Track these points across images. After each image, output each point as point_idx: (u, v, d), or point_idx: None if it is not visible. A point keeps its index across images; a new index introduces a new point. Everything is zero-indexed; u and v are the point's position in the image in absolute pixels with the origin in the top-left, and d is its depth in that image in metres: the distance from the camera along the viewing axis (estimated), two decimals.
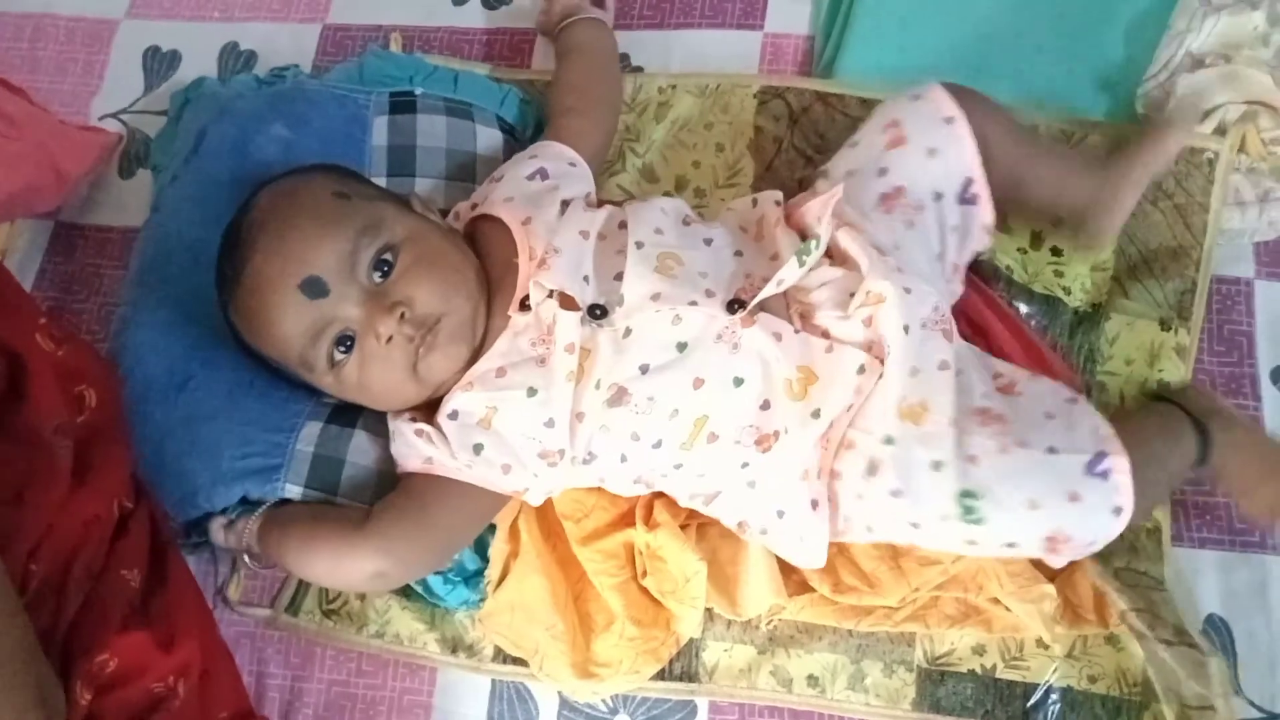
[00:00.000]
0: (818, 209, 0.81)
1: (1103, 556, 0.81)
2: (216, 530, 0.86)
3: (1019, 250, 0.94)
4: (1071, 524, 0.74)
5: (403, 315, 0.77)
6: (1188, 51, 0.96)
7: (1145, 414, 0.87)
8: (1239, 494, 0.85)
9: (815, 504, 0.79)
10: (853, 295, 0.79)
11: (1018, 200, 0.87)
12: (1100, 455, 0.74)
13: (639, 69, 1.08)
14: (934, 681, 0.85)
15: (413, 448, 0.82)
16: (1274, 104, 0.93)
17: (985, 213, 0.84)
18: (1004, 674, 0.85)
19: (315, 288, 0.77)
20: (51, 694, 0.65)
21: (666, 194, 1.02)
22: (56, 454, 0.73)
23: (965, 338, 0.86)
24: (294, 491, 0.85)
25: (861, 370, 0.77)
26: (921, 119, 0.83)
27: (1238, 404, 0.90)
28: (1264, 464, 0.84)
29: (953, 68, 1.01)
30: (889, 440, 0.76)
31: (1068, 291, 0.93)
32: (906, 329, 0.77)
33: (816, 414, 0.78)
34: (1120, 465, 0.74)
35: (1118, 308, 0.92)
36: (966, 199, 0.83)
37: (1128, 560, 0.84)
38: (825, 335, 0.79)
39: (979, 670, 0.85)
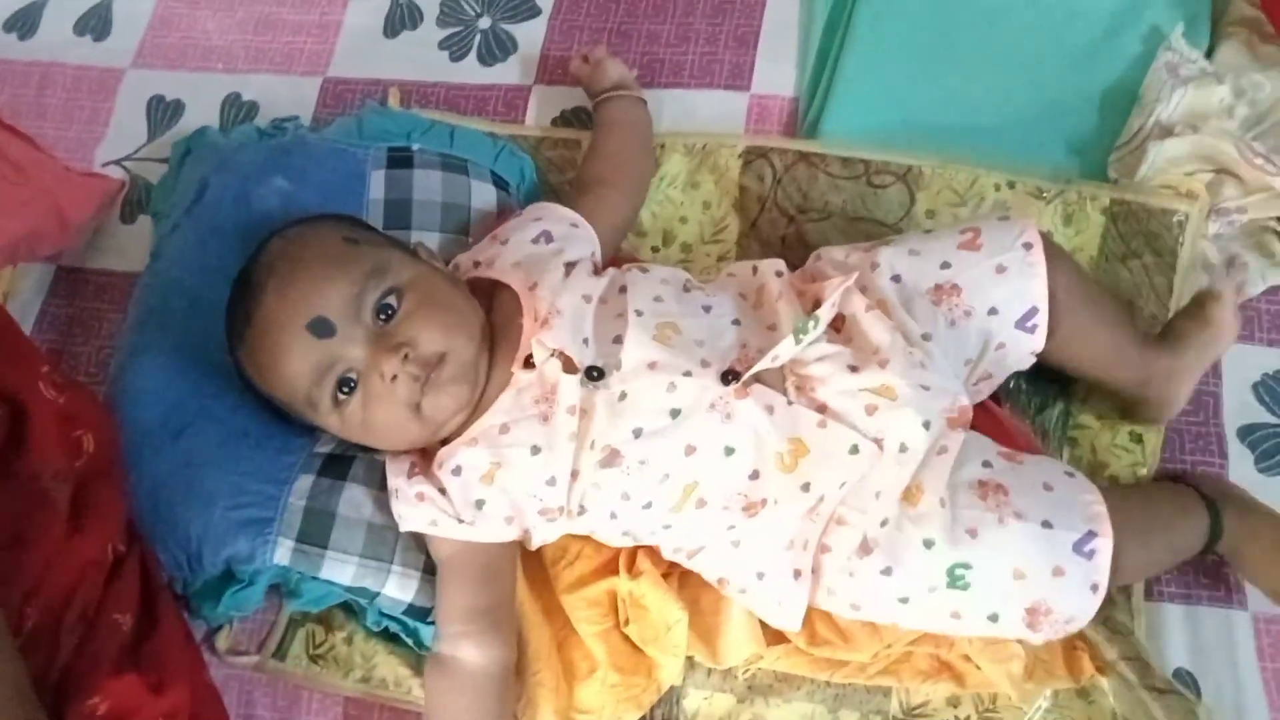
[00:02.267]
0: (831, 288, 0.81)
1: None
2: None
3: None
4: (1052, 598, 0.77)
5: (406, 355, 0.79)
6: (1157, 121, 0.99)
7: (1157, 491, 0.89)
8: (1255, 575, 0.86)
9: (798, 573, 0.80)
10: (854, 369, 0.79)
11: (1069, 359, 0.86)
12: (1090, 534, 0.77)
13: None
14: None
15: (415, 510, 0.84)
16: (1238, 173, 0.96)
17: (1038, 342, 0.83)
18: None
19: (322, 328, 0.79)
20: None
21: (654, 249, 1.05)
22: (54, 499, 0.75)
23: None
24: (285, 545, 0.86)
25: (855, 451, 0.78)
26: (1001, 235, 0.83)
27: (1203, 461, 0.92)
28: (1277, 547, 0.84)
29: (934, 130, 1.05)
30: (884, 522, 0.78)
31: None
32: (928, 425, 0.78)
33: (806, 487, 0.79)
34: (1104, 546, 0.76)
35: None
36: (1026, 327, 0.82)
37: (1110, 610, 0.85)
38: (821, 409, 0.80)
39: None
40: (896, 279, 0.83)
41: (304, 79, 1.20)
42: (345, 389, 0.80)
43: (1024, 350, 0.84)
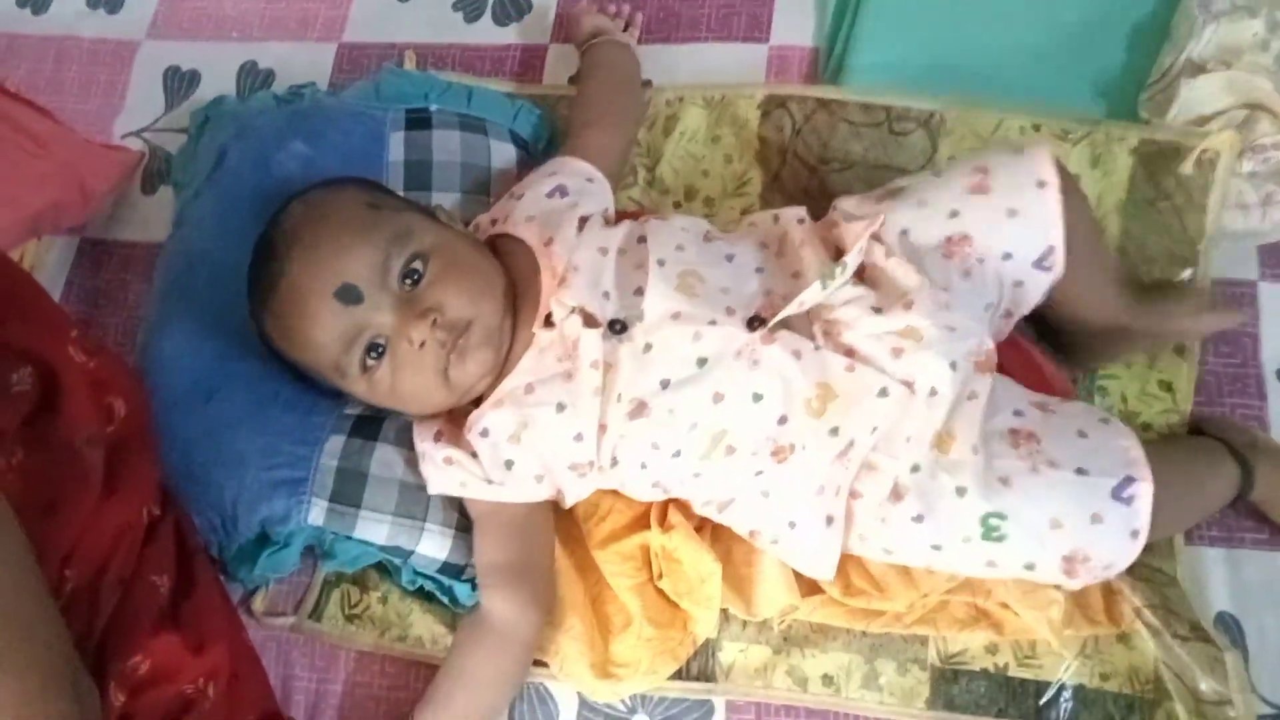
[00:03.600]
0: (857, 233, 0.80)
1: None
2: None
3: None
4: (1091, 545, 0.76)
5: (434, 321, 0.79)
6: (1188, 58, 0.97)
7: (1186, 444, 0.88)
8: None
9: (830, 520, 0.80)
10: (878, 310, 0.78)
11: (1058, 299, 0.84)
12: (1128, 480, 0.75)
13: (647, 83, 1.09)
14: (947, 680, 0.86)
15: (444, 473, 0.84)
16: (1274, 109, 0.94)
17: (1056, 275, 0.80)
18: (1017, 672, 0.86)
19: (349, 295, 0.78)
20: (86, 695, 0.67)
21: (676, 204, 1.04)
22: (88, 464, 0.75)
23: None
24: (319, 505, 0.86)
25: (884, 393, 0.77)
26: (1012, 175, 0.79)
27: (1242, 403, 0.91)
28: None
29: (956, 74, 1.03)
30: (916, 468, 0.77)
31: None
32: (954, 365, 0.77)
33: (835, 431, 0.78)
34: (1144, 490, 0.75)
35: None
36: (1044, 266, 0.80)
37: (1147, 557, 0.84)
38: (849, 353, 0.79)
39: (992, 669, 0.86)
40: (905, 234, 0.81)
41: (319, 45, 1.19)
42: (373, 355, 0.80)
43: (1042, 284, 0.82)
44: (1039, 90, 1.02)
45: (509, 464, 0.83)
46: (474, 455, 0.83)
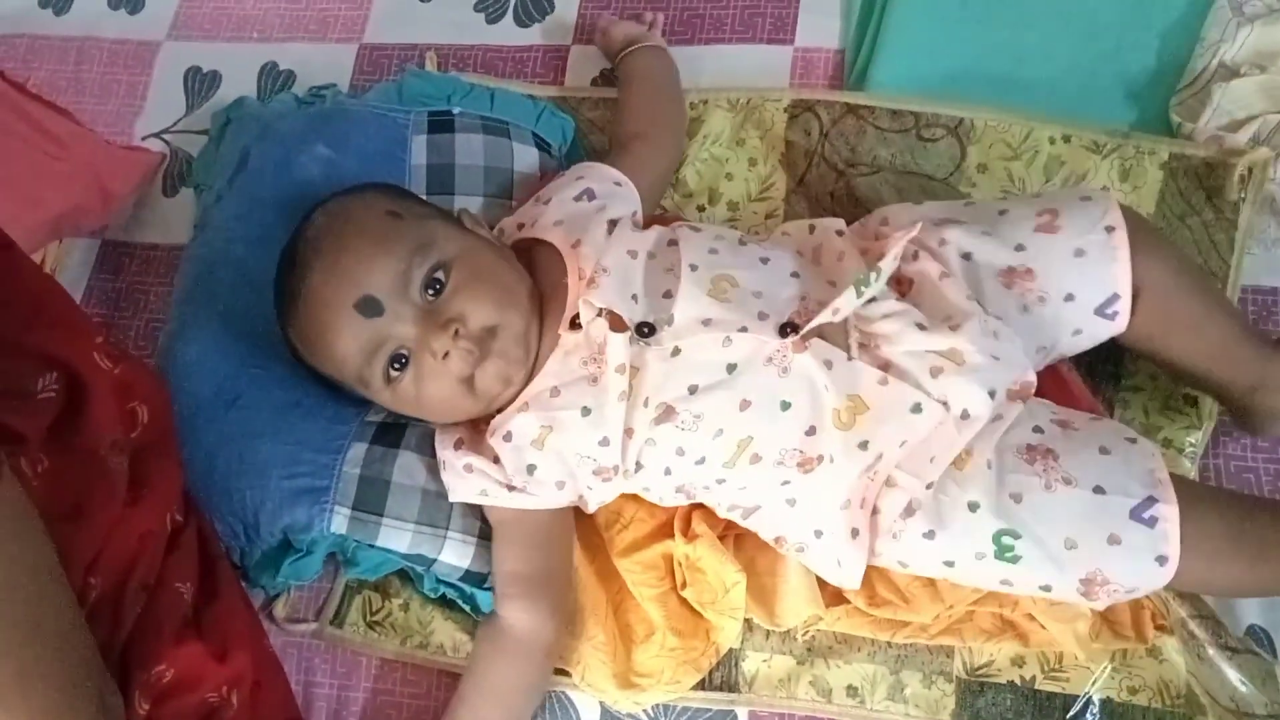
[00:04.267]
0: (895, 240, 0.79)
1: None
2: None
3: None
4: (1110, 567, 0.73)
5: (457, 332, 0.78)
6: (1221, 62, 0.96)
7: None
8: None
9: (855, 532, 0.79)
10: (922, 327, 0.77)
11: (1168, 351, 0.81)
12: (1149, 500, 0.73)
13: None
14: (973, 692, 0.85)
15: (464, 481, 0.84)
16: None
17: (1119, 327, 0.80)
18: (1043, 685, 0.85)
19: (370, 307, 0.78)
20: (112, 705, 0.67)
21: (700, 208, 1.03)
22: (112, 470, 0.74)
23: None
24: (342, 514, 0.86)
25: (918, 409, 0.76)
26: (1081, 218, 0.79)
27: None
28: None
29: (985, 79, 1.02)
30: (929, 485, 0.76)
31: None
32: (993, 394, 0.75)
33: (864, 445, 0.77)
34: (1169, 514, 0.72)
35: None
36: (1106, 314, 0.79)
37: None
38: (885, 367, 0.78)
39: (1018, 681, 0.85)
40: (967, 257, 0.80)
41: (340, 45, 1.19)
42: (397, 366, 0.80)
43: (1100, 335, 0.81)
44: (1068, 96, 1.01)
45: (531, 468, 0.82)
46: (496, 460, 0.83)
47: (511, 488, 0.83)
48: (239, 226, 0.97)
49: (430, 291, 0.79)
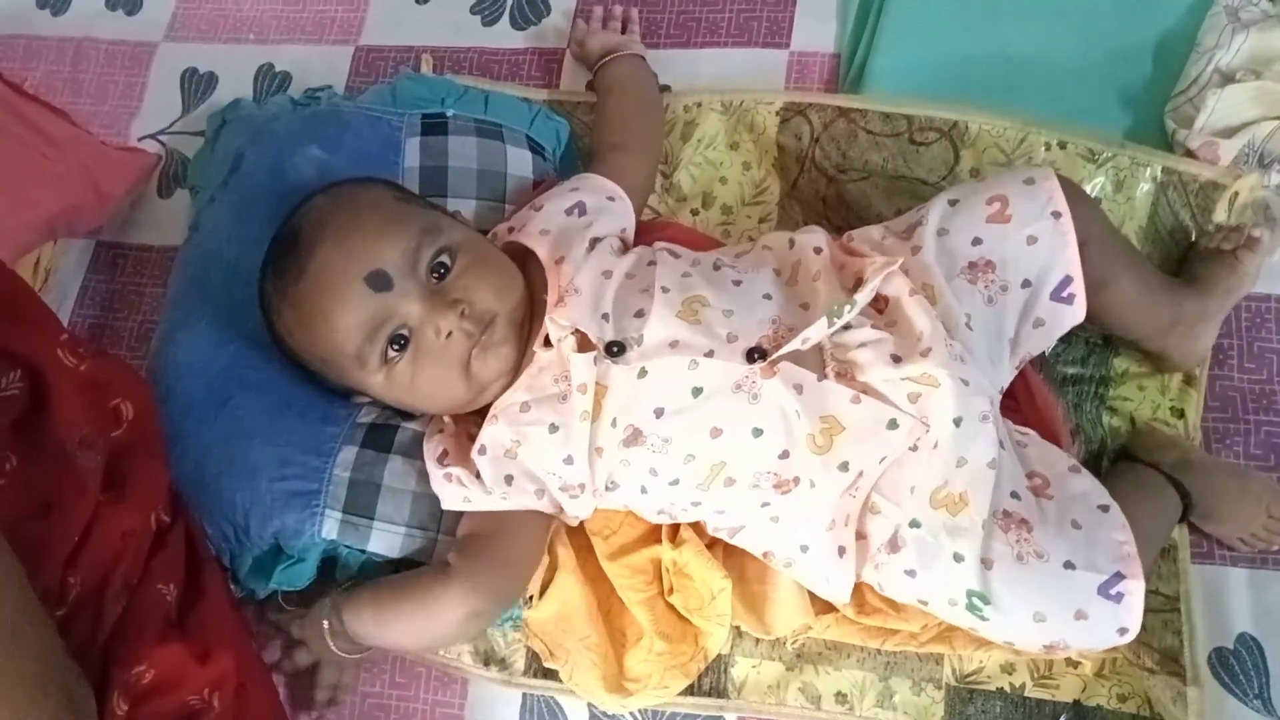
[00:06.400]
0: (873, 270, 0.79)
1: None
2: (296, 629, 0.87)
3: None
4: (1073, 638, 0.75)
5: (463, 312, 0.78)
6: (1216, 68, 0.95)
7: (1131, 488, 0.83)
8: (1227, 528, 0.86)
9: (842, 550, 0.79)
10: (896, 359, 0.77)
11: (1096, 307, 0.83)
12: (1117, 576, 0.74)
13: (666, 88, 1.09)
14: (963, 700, 0.85)
15: (447, 489, 0.84)
16: None
17: (1079, 313, 0.81)
18: (1033, 693, 0.84)
19: (380, 281, 0.78)
20: (82, 702, 0.66)
21: (694, 212, 1.03)
22: (82, 467, 0.74)
23: None
24: (333, 518, 0.86)
25: (894, 425, 0.76)
26: (1029, 204, 0.80)
27: (1266, 420, 0.90)
28: (1234, 493, 0.85)
29: (979, 86, 1.02)
30: (915, 524, 0.76)
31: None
32: (958, 422, 0.76)
33: (844, 466, 0.77)
34: (1135, 589, 0.74)
35: (1126, 341, 0.91)
36: (1062, 298, 0.81)
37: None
38: (863, 390, 0.77)
39: (1008, 689, 0.85)
40: (935, 257, 0.81)
41: (336, 48, 1.19)
42: (396, 347, 0.80)
43: (1063, 323, 0.82)
44: (1063, 100, 1.00)
45: (509, 479, 0.82)
46: (477, 476, 0.82)
47: (491, 496, 0.83)
48: (232, 228, 0.97)
49: (435, 274, 0.80)
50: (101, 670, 0.70)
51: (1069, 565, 0.74)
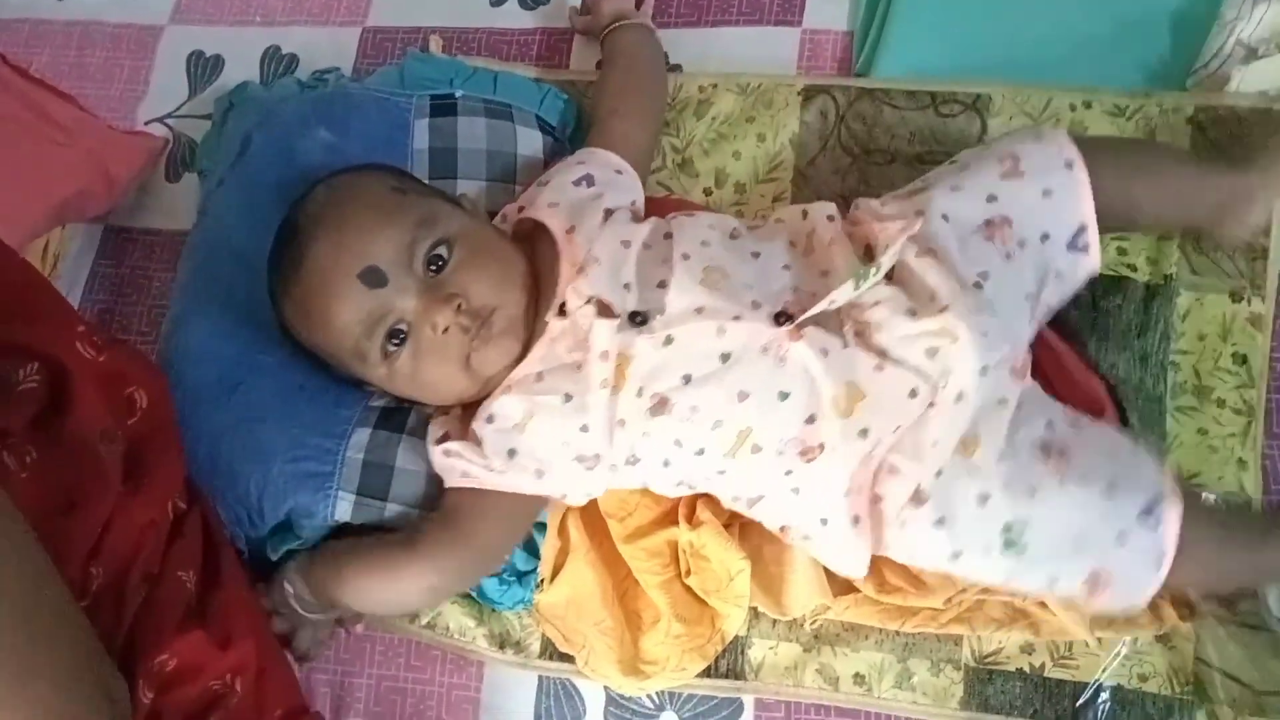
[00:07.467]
0: (892, 234, 0.79)
1: None
2: (265, 600, 0.87)
3: None
4: (1115, 565, 0.75)
5: (459, 307, 0.78)
6: (1238, 41, 0.94)
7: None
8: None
9: (857, 519, 0.79)
10: (912, 313, 0.76)
11: (1137, 215, 0.85)
12: (1157, 500, 0.74)
13: (677, 67, 1.07)
14: (982, 680, 0.85)
15: (446, 464, 0.83)
16: None
17: (1093, 262, 0.82)
18: (1053, 673, 0.84)
19: (374, 277, 0.78)
20: (118, 693, 0.67)
21: (706, 191, 1.02)
22: (104, 461, 0.74)
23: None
24: (346, 499, 0.85)
25: (914, 394, 0.76)
26: (1041, 158, 0.81)
27: None
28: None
29: (995, 63, 1.01)
30: (939, 473, 0.76)
31: (1133, 269, 0.91)
32: (984, 370, 0.75)
33: (864, 433, 0.76)
34: (1172, 515, 0.74)
35: (1185, 283, 0.90)
36: (1078, 247, 0.81)
37: None
38: (881, 354, 0.77)
39: (1027, 669, 0.85)
40: (945, 218, 0.80)
41: (343, 29, 1.18)
42: (395, 340, 0.79)
43: (1080, 274, 0.82)
44: (1080, 77, 0.99)
45: (512, 453, 0.81)
46: (479, 444, 0.82)
47: (491, 469, 0.82)
48: (240, 212, 0.96)
49: (433, 267, 0.79)
50: (125, 660, 0.70)
51: (1111, 488, 0.74)
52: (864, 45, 1.05)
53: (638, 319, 0.78)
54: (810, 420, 0.77)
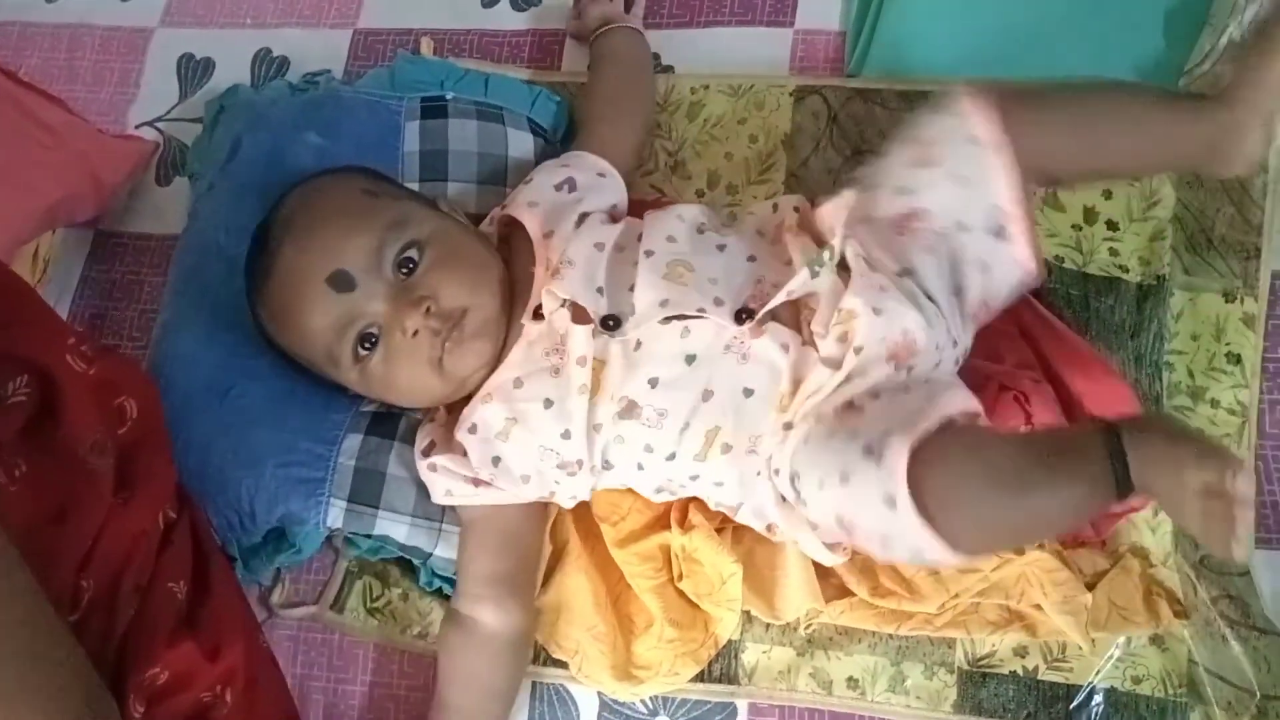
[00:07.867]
0: (829, 216, 0.78)
1: (1189, 545, 0.82)
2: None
3: (1073, 227, 0.92)
4: (850, 508, 0.68)
5: (428, 309, 0.78)
6: (1231, 39, 0.94)
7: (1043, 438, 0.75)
8: (1170, 510, 0.75)
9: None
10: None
11: (1124, 172, 0.79)
12: (884, 435, 0.66)
13: (669, 68, 1.07)
14: (975, 683, 0.85)
15: (431, 479, 0.83)
16: None
17: (1019, 251, 0.74)
18: (1046, 675, 0.84)
19: (342, 282, 0.78)
20: (104, 707, 0.66)
21: (699, 193, 1.01)
22: (95, 472, 0.73)
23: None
24: (338, 506, 0.85)
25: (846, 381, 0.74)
26: (950, 138, 0.75)
27: None
28: (1179, 466, 0.62)
29: (986, 63, 1.00)
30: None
31: (1125, 270, 0.91)
32: (858, 350, 0.72)
33: (788, 426, 0.75)
34: (897, 449, 0.64)
35: (1178, 283, 0.90)
36: (996, 233, 0.74)
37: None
38: (814, 346, 0.76)
39: (1021, 672, 0.84)
40: (866, 220, 0.78)
41: (334, 31, 1.17)
42: (366, 345, 0.79)
43: (1009, 264, 0.75)
44: (1072, 76, 0.98)
45: (497, 460, 0.81)
46: (464, 455, 0.82)
47: (478, 482, 0.82)
48: (229, 215, 0.96)
49: (403, 270, 0.79)
50: (116, 673, 0.70)
51: (854, 432, 0.69)
52: (856, 45, 1.04)
53: (611, 324, 0.78)
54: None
